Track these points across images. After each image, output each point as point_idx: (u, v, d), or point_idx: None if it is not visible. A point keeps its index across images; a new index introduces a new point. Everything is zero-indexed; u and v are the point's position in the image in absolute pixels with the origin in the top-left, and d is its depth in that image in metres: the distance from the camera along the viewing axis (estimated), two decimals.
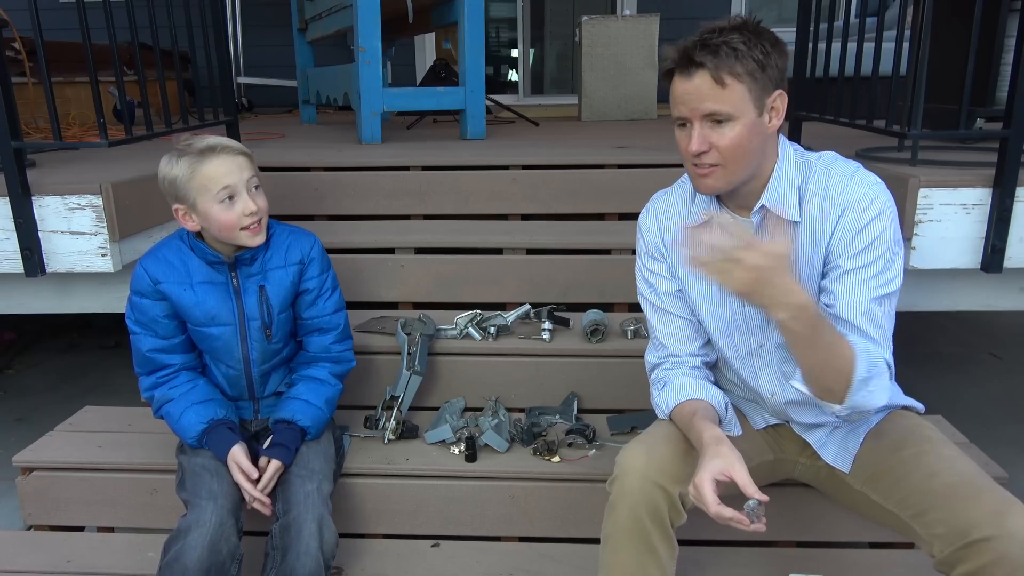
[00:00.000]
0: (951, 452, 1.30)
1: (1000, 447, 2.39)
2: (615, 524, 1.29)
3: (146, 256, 1.64)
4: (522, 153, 2.63)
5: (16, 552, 1.74)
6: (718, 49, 1.17)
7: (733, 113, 1.19)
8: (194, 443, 1.59)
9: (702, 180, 1.27)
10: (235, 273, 1.62)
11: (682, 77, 1.21)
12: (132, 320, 1.63)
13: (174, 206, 1.54)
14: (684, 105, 1.22)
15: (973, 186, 1.79)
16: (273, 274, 1.64)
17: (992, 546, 1.10)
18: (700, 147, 1.21)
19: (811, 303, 1.14)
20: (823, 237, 1.29)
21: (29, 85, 3.42)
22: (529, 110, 4.55)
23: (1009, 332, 3.63)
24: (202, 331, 1.62)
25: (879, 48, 2.07)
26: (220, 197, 1.50)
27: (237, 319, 1.63)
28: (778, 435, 1.50)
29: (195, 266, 1.61)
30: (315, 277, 1.68)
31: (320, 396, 1.67)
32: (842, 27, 2.21)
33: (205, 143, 1.51)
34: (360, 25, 2.87)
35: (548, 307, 2.08)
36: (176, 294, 1.60)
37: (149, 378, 1.65)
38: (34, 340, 3.71)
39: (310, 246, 1.69)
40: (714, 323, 1.42)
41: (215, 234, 1.56)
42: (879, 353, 1.24)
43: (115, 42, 1.97)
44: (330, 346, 1.72)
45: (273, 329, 1.65)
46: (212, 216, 1.51)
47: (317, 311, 1.70)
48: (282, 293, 1.65)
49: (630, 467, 1.29)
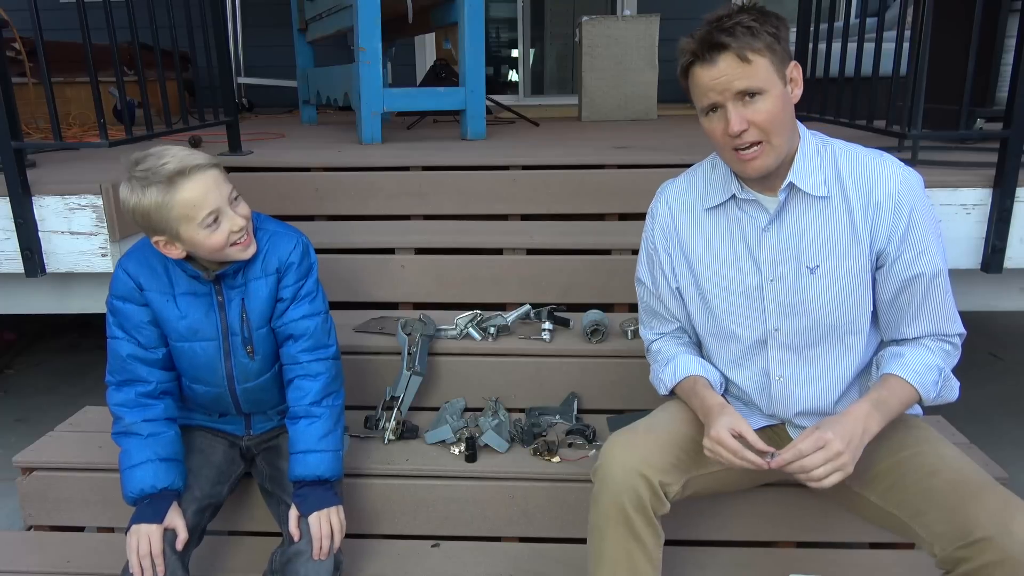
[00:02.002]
0: (950, 451, 1.30)
1: (1000, 447, 2.39)
2: (599, 513, 1.31)
3: (127, 258, 1.50)
4: (522, 153, 2.63)
5: (16, 552, 1.74)
6: (734, 30, 1.19)
7: (763, 86, 1.21)
8: (129, 499, 1.45)
9: (750, 163, 1.26)
10: (219, 286, 1.50)
11: (705, 65, 1.22)
12: (114, 325, 1.50)
13: (153, 238, 1.39)
14: (713, 91, 1.22)
15: (973, 186, 1.79)
16: (252, 285, 1.51)
17: (995, 545, 1.10)
18: (740, 125, 1.21)
19: (872, 424, 1.24)
20: (861, 218, 1.29)
21: (29, 85, 3.42)
22: (529, 110, 4.55)
23: (1009, 332, 3.63)
24: (183, 346, 1.51)
25: (879, 48, 2.07)
26: (206, 223, 1.36)
27: (220, 334, 1.51)
28: (775, 435, 1.50)
29: (177, 276, 1.49)
30: (290, 286, 1.53)
31: (311, 437, 1.52)
32: (842, 27, 2.22)
33: (168, 167, 1.33)
34: (360, 25, 2.87)
35: (548, 307, 2.08)
36: (159, 304, 1.49)
37: (122, 392, 1.49)
38: (34, 340, 3.71)
39: (288, 251, 1.52)
40: (727, 309, 1.41)
41: (204, 256, 1.43)
42: (933, 360, 1.32)
43: (115, 42, 1.97)
44: (297, 355, 1.54)
45: (255, 345, 1.53)
46: (199, 242, 1.38)
47: (288, 317, 1.54)
48: (260, 307, 1.51)
49: (612, 457, 1.32)
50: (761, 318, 1.38)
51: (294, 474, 1.51)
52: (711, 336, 1.46)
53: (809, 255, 1.32)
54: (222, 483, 1.60)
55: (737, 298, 1.39)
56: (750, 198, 1.36)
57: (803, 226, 1.33)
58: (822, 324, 1.34)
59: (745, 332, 1.40)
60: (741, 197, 1.36)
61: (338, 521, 1.48)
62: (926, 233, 1.28)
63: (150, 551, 1.40)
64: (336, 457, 1.54)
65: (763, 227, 1.35)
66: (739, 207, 1.38)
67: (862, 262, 1.31)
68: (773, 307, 1.37)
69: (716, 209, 1.41)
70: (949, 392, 1.34)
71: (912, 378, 1.28)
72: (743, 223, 1.38)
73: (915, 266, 1.29)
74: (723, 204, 1.39)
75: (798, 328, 1.36)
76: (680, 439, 1.39)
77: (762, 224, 1.35)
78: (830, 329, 1.34)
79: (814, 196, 1.31)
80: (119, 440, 1.50)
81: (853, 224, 1.30)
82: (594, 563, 1.34)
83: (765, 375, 1.42)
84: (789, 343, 1.38)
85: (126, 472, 1.47)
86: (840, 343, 1.36)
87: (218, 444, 1.65)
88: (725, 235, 1.40)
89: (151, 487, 1.45)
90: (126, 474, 1.47)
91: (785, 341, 1.38)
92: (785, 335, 1.37)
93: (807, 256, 1.33)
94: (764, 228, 1.35)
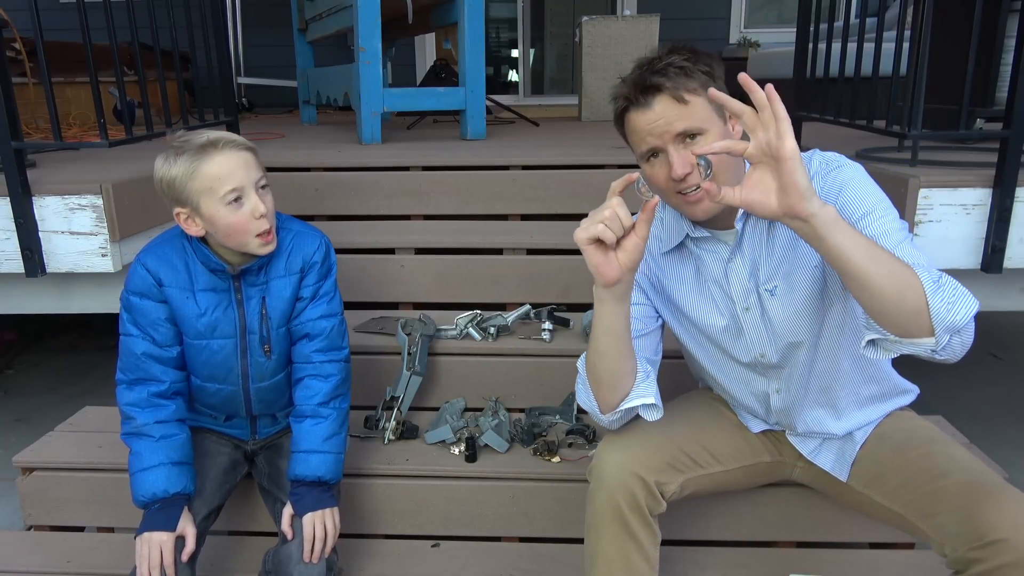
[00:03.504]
0: (958, 452, 1.29)
1: (1000, 447, 2.39)
2: (595, 513, 1.31)
3: (145, 253, 1.48)
4: (522, 153, 2.63)
5: (16, 552, 1.74)
6: (666, 71, 1.16)
7: (702, 126, 1.17)
8: (140, 503, 1.44)
9: (696, 206, 1.21)
10: (239, 283, 1.49)
11: (640, 110, 1.19)
12: (129, 322, 1.47)
13: (175, 210, 1.40)
14: (652, 135, 1.18)
15: (973, 186, 1.79)
16: (275, 284, 1.51)
17: (1010, 547, 1.09)
18: (684, 168, 1.17)
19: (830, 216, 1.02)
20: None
21: (29, 85, 3.42)
22: (529, 110, 4.55)
23: (1009, 332, 3.63)
24: (200, 344, 1.49)
25: (879, 48, 2.07)
26: (227, 199, 1.35)
27: (238, 332, 1.50)
28: (775, 439, 1.50)
29: (198, 271, 1.47)
30: (311, 285, 1.54)
31: (316, 437, 1.51)
32: (842, 27, 2.21)
33: (205, 138, 1.35)
34: (360, 25, 2.87)
35: (548, 307, 2.08)
36: (178, 301, 1.47)
37: (134, 391, 1.47)
38: (34, 340, 3.71)
39: (313, 250, 1.54)
40: (718, 341, 1.39)
41: (222, 239, 1.42)
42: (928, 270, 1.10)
43: (115, 42, 1.97)
44: (311, 354, 1.55)
45: (272, 344, 1.52)
46: (218, 219, 1.37)
47: (306, 316, 1.55)
48: (281, 306, 1.51)
49: (607, 457, 1.31)
50: (746, 346, 1.37)
51: (294, 473, 1.50)
52: (710, 363, 1.45)
53: (767, 278, 1.30)
54: (227, 486, 1.59)
55: (720, 333, 1.38)
56: (704, 235, 1.33)
57: (765, 249, 1.30)
58: (791, 343, 1.33)
59: (739, 357, 1.40)
60: (694, 236, 1.34)
61: (332, 524, 1.47)
62: (861, 195, 1.20)
63: (161, 562, 1.38)
64: (338, 460, 1.54)
65: (726, 259, 1.32)
66: (697, 245, 1.35)
67: (814, 273, 1.27)
68: (754, 334, 1.35)
69: (673, 252, 1.39)
70: (955, 301, 1.06)
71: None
72: (705, 259, 1.35)
73: (866, 231, 1.15)
74: (679, 247, 1.37)
75: (778, 349, 1.34)
76: (677, 439, 1.39)
77: (724, 256, 1.33)
78: (800, 346, 1.33)
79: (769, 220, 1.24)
80: (129, 441, 1.47)
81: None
82: (590, 563, 1.34)
83: (764, 392, 1.42)
84: (777, 364, 1.37)
85: (137, 475, 1.44)
86: (820, 355, 1.34)
87: (224, 447, 1.63)
88: (691, 274, 1.38)
89: (163, 492, 1.43)
90: (137, 477, 1.44)
91: (771, 364, 1.37)
92: (769, 359, 1.36)
93: (765, 279, 1.30)
94: (728, 260, 1.32)
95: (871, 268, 1.03)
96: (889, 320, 1.07)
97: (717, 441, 1.44)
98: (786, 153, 0.99)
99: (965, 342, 1.08)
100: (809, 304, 1.29)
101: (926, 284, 1.05)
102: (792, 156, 0.99)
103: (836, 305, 1.29)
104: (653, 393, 1.27)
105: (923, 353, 1.09)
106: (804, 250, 1.27)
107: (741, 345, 1.37)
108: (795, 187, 1.00)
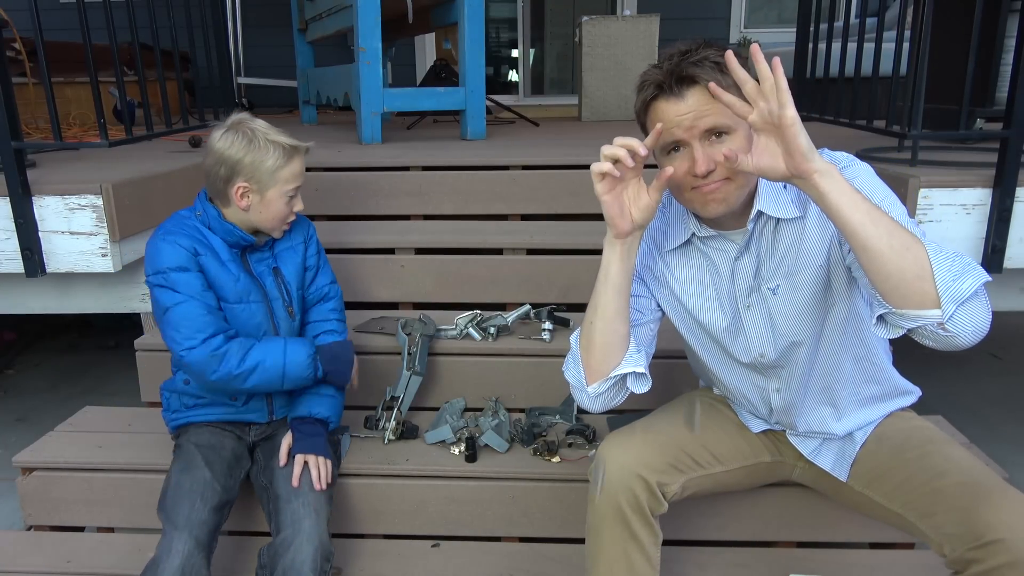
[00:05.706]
0: (957, 452, 1.29)
1: (1000, 447, 2.39)
2: (596, 513, 1.31)
3: (170, 233, 1.56)
4: (522, 153, 2.63)
5: (16, 552, 1.74)
6: (702, 63, 1.14)
7: (732, 125, 1.16)
8: (309, 369, 1.60)
9: (713, 203, 1.20)
10: (245, 258, 1.66)
11: (672, 99, 1.16)
12: (177, 294, 1.52)
13: (238, 183, 1.54)
14: (679, 127, 1.16)
15: (973, 186, 1.79)
16: (284, 255, 1.71)
17: (1008, 547, 1.09)
18: (708, 165, 1.16)
19: (835, 178, 1.07)
20: (818, 221, 1.25)
21: (29, 85, 3.42)
22: (529, 110, 4.55)
23: (1009, 332, 3.63)
24: (237, 308, 1.62)
25: (879, 48, 2.07)
26: (289, 194, 1.59)
27: (263, 297, 1.66)
28: (776, 439, 1.50)
29: (219, 246, 1.61)
30: (314, 255, 1.78)
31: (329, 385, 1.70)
32: (842, 27, 2.22)
33: (289, 140, 1.58)
34: (360, 25, 2.87)
35: (548, 307, 2.08)
36: (215, 270, 1.59)
37: (212, 343, 1.52)
38: (34, 340, 3.71)
39: (306, 227, 1.78)
40: (721, 339, 1.39)
41: (257, 219, 1.60)
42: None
43: (115, 42, 1.97)
44: (328, 313, 1.78)
45: (295, 307, 1.71)
46: (274, 206, 1.59)
47: (319, 283, 1.79)
48: (295, 270, 1.72)
49: (609, 457, 1.31)
50: (746, 346, 1.37)
51: (298, 413, 1.67)
52: (711, 360, 1.45)
53: (769, 277, 1.30)
54: (234, 477, 1.62)
55: (722, 332, 1.38)
56: (711, 234, 1.32)
57: (770, 249, 1.29)
58: (791, 342, 1.32)
59: (739, 358, 1.40)
60: (701, 235, 1.33)
61: (327, 470, 1.60)
62: (871, 188, 1.19)
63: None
64: (340, 404, 1.74)
65: (734, 258, 1.32)
66: (703, 243, 1.35)
67: (818, 273, 1.27)
68: (754, 333, 1.35)
69: (679, 249, 1.38)
70: (971, 268, 1.06)
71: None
72: (712, 257, 1.35)
73: None
74: (685, 244, 1.37)
75: (778, 348, 1.34)
76: (679, 439, 1.39)
77: (732, 255, 1.32)
78: (800, 346, 1.32)
79: (785, 219, 1.26)
80: (245, 364, 1.54)
81: (820, 229, 1.26)
82: (591, 563, 1.34)
83: (764, 390, 1.42)
84: (776, 363, 1.37)
85: (288, 364, 1.58)
86: (821, 355, 1.34)
87: (227, 438, 1.67)
88: (696, 271, 1.37)
89: (310, 350, 1.63)
90: (288, 365, 1.58)
91: (770, 364, 1.37)
92: (769, 358, 1.36)
93: (767, 278, 1.30)
94: (736, 259, 1.32)
95: (872, 229, 1.05)
96: (893, 288, 1.06)
97: (718, 441, 1.44)
98: (787, 121, 1.05)
99: (976, 323, 1.05)
100: (811, 304, 1.29)
101: (930, 250, 1.06)
102: (793, 123, 1.05)
103: (839, 304, 1.29)
104: (644, 365, 1.29)
105: (932, 332, 1.06)
106: (808, 249, 1.27)
107: (741, 345, 1.37)
108: (798, 149, 1.06)
